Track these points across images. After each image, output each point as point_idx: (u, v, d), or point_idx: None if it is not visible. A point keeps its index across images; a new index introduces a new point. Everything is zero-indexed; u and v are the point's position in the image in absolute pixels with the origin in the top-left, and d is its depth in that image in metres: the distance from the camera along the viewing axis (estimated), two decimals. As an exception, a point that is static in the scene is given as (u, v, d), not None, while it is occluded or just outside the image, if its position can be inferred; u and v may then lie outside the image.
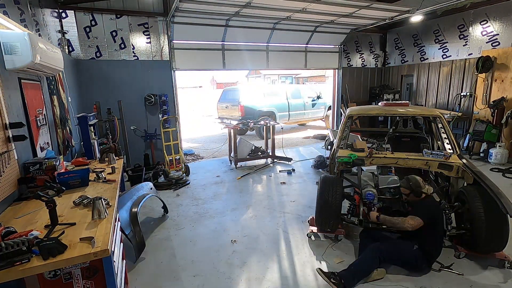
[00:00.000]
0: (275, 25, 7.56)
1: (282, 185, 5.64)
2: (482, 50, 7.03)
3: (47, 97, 3.72)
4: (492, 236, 2.89)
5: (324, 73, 28.68)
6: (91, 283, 2.07)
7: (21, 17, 3.37)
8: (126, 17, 6.28)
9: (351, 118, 4.36)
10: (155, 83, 6.76)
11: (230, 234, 3.84)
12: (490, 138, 6.59)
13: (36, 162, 2.80)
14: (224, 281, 2.92)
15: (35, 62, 2.62)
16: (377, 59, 9.81)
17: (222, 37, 7.31)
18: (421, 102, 8.72)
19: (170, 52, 6.82)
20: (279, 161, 7.22)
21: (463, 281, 2.82)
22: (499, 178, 5.54)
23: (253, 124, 7.18)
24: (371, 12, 6.50)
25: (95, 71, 6.17)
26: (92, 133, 4.49)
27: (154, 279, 2.97)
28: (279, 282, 2.88)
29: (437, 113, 4.14)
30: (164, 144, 6.40)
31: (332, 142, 5.41)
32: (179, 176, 5.88)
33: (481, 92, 7.06)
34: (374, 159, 3.72)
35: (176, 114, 7.06)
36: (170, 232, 3.94)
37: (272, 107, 10.51)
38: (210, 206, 4.76)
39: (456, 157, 3.55)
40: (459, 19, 7.46)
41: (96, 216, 2.13)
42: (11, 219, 2.16)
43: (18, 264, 1.56)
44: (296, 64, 8.73)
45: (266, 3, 5.70)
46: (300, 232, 3.83)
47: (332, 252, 3.36)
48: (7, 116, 2.46)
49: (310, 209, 4.43)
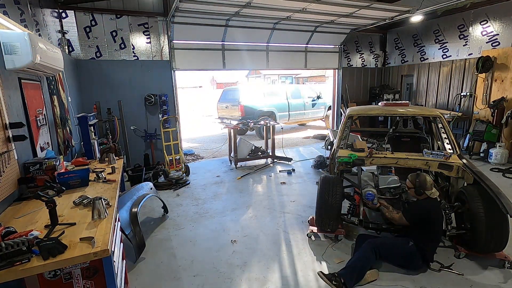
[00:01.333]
0: (275, 25, 7.56)
1: (282, 185, 5.64)
2: (482, 50, 7.03)
3: (47, 97, 3.72)
4: (492, 236, 2.89)
5: (324, 73, 28.71)
6: (91, 283, 2.08)
7: (21, 17, 3.37)
8: (126, 17, 6.29)
9: (351, 118, 4.36)
10: (155, 83, 6.75)
11: (230, 234, 3.84)
12: (490, 138, 6.59)
13: (36, 162, 2.80)
14: (224, 281, 2.92)
15: (35, 62, 2.62)
16: (377, 59, 9.81)
17: (222, 37, 7.31)
18: (421, 102, 8.72)
19: (170, 52, 6.82)
20: (279, 161, 7.22)
21: (463, 281, 2.82)
22: (499, 178, 5.54)
23: (253, 124, 7.18)
24: (371, 12, 6.50)
25: (95, 71, 6.17)
26: (92, 133, 4.49)
27: (154, 279, 2.97)
28: (280, 282, 2.88)
29: (437, 113, 4.13)
30: (164, 144, 6.40)
31: (332, 142, 5.41)
32: (179, 176, 5.88)
33: (481, 92, 7.06)
34: (374, 159, 3.72)
35: (176, 114, 7.06)
36: (170, 232, 3.94)
37: (272, 107, 10.51)
38: (210, 206, 4.76)
39: (456, 157, 3.55)
40: (459, 19, 7.46)
41: (96, 216, 2.13)
42: (11, 219, 2.16)
43: (18, 264, 1.56)
44: (296, 64, 8.73)
45: (266, 3, 5.70)
46: (300, 232, 3.83)
47: (332, 252, 3.36)
48: (7, 116, 2.46)
49: (310, 209, 4.43)
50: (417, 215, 2.96)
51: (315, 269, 3.04)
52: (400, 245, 2.94)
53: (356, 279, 2.74)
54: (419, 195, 3.01)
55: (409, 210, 3.09)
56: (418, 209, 3.03)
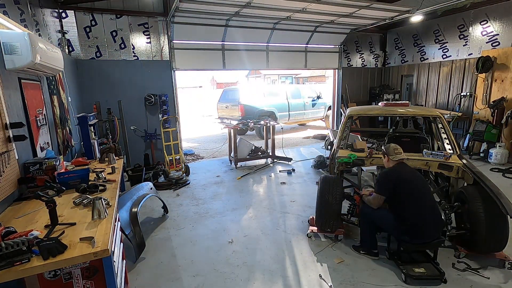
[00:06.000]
0: (275, 25, 7.56)
1: (282, 185, 5.64)
2: (482, 50, 7.03)
3: (47, 97, 3.72)
4: (492, 236, 2.89)
5: (324, 73, 28.66)
6: (91, 283, 2.08)
7: (21, 17, 3.37)
8: (126, 17, 6.29)
9: (351, 118, 4.36)
10: (155, 83, 6.75)
11: (230, 234, 3.84)
12: (490, 138, 6.59)
13: (36, 162, 2.80)
14: (224, 281, 2.92)
15: (35, 62, 2.62)
16: (377, 59, 9.81)
17: (222, 37, 7.31)
18: (421, 102, 8.72)
19: (170, 52, 6.82)
20: (279, 161, 7.22)
21: (463, 281, 2.82)
22: (499, 178, 5.54)
23: (253, 124, 7.18)
24: (371, 12, 6.50)
25: (95, 71, 6.17)
26: (92, 133, 4.49)
27: (154, 279, 2.97)
28: (280, 282, 2.88)
29: (437, 113, 4.13)
30: (164, 144, 6.39)
31: (332, 142, 5.42)
32: (179, 176, 5.88)
33: (481, 92, 7.06)
34: (374, 159, 3.72)
35: (176, 114, 7.06)
36: (170, 232, 3.94)
37: (272, 107, 10.51)
38: (210, 206, 4.76)
39: (456, 157, 3.55)
40: (459, 19, 7.46)
41: (96, 216, 2.13)
42: (11, 219, 2.16)
43: (18, 264, 1.56)
44: (296, 64, 8.74)
45: (266, 3, 5.70)
46: (300, 232, 3.83)
47: (332, 252, 3.36)
48: (7, 116, 2.46)
49: (310, 209, 4.43)
50: (386, 183, 3.01)
51: (315, 269, 3.04)
52: (383, 216, 3.03)
53: (371, 240, 3.20)
54: (386, 162, 3.12)
55: (378, 181, 3.17)
56: (385, 176, 3.09)
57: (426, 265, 2.92)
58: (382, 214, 3.04)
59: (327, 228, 3.50)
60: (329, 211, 3.40)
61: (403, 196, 2.87)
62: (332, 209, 3.39)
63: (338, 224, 3.51)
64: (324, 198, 3.42)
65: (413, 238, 2.82)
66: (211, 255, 3.37)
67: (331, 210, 3.39)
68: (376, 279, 2.87)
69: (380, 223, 3.10)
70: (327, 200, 3.39)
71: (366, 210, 3.19)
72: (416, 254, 3.07)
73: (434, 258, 2.97)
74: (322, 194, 3.46)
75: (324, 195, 3.43)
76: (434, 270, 2.85)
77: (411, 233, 2.81)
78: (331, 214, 3.40)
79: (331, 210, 3.39)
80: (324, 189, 3.46)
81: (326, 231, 3.57)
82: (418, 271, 2.83)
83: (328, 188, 3.44)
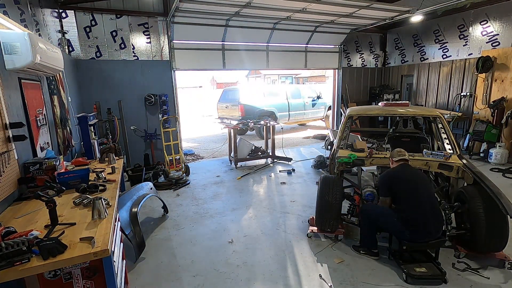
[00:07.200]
0: (275, 25, 7.56)
1: (282, 185, 5.64)
2: (482, 50, 7.03)
3: (47, 97, 3.72)
4: (492, 236, 2.89)
5: (324, 73, 28.69)
6: (91, 283, 2.08)
7: (21, 17, 3.37)
8: (126, 17, 6.29)
9: (351, 118, 4.36)
10: (155, 83, 6.75)
11: (230, 234, 3.84)
12: (490, 138, 6.59)
13: (36, 162, 2.80)
14: (224, 281, 2.92)
15: (35, 62, 2.62)
16: (377, 59, 9.81)
17: (222, 37, 7.30)
18: (421, 102, 8.72)
19: (170, 52, 6.82)
20: (279, 161, 7.22)
21: (463, 281, 2.82)
22: (499, 178, 5.54)
23: (253, 124, 7.19)
24: (371, 12, 6.50)
25: (95, 71, 6.17)
26: (92, 133, 4.49)
27: (154, 279, 2.97)
28: (280, 282, 2.88)
29: (437, 113, 4.13)
30: (164, 144, 6.39)
31: (332, 142, 5.41)
32: (179, 176, 5.88)
33: (481, 92, 7.06)
34: (374, 159, 3.72)
35: (176, 114, 7.07)
36: (170, 232, 3.94)
37: (272, 107, 10.51)
38: (210, 206, 4.76)
39: (456, 157, 3.55)
40: (459, 19, 7.46)
41: (96, 216, 2.13)
42: (11, 219, 2.16)
43: (18, 264, 1.56)
44: (296, 64, 8.73)
45: (266, 3, 5.70)
46: (300, 232, 3.83)
47: (332, 252, 3.36)
48: (7, 116, 2.46)
49: (310, 209, 4.43)
50: (383, 184, 3.11)
51: (315, 269, 3.04)
52: (383, 213, 3.05)
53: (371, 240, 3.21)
54: (391, 164, 3.23)
55: (379, 183, 3.25)
56: (381, 178, 3.18)
57: (427, 265, 2.92)
58: (382, 212, 3.06)
59: (327, 228, 3.50)
60: (329, 211, 3.40)
61: (401, 193, 2.97)
62: (332, 209, 3.39)
63: (338, 224, 3.51)
64: (324, 198, 3.42)
65: (414, 234, 2.82)
66: (211, 255, 3.37)
67: (331, 210, 3.39)
68: (376, 279, 2.87)
69: (381, 222, 3.09)
70: (327, 200, 3.39)
71: (366, 210, 3.20)
72: (418, 254, 3.07)
73: (436, 258, 2.97)
74: (322, 194, 3.46)
75: (324, 195, 3.43)
76: (436, 270, 2.85)
77: (412, 230, 2.82)
78: (331, 214, 3.40)
79: (331, 210, 3.39)
80: (324, 189, 3.46)
81: (326, 231, 3.57)
82: (419, 271, 2.83)
83: (328, 188, 3.44)
